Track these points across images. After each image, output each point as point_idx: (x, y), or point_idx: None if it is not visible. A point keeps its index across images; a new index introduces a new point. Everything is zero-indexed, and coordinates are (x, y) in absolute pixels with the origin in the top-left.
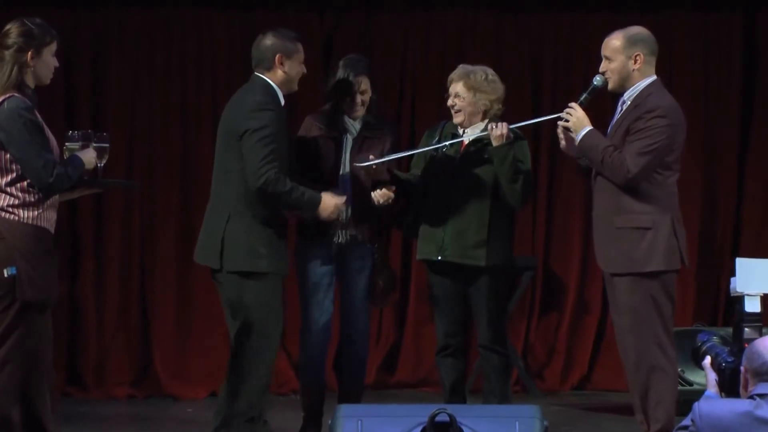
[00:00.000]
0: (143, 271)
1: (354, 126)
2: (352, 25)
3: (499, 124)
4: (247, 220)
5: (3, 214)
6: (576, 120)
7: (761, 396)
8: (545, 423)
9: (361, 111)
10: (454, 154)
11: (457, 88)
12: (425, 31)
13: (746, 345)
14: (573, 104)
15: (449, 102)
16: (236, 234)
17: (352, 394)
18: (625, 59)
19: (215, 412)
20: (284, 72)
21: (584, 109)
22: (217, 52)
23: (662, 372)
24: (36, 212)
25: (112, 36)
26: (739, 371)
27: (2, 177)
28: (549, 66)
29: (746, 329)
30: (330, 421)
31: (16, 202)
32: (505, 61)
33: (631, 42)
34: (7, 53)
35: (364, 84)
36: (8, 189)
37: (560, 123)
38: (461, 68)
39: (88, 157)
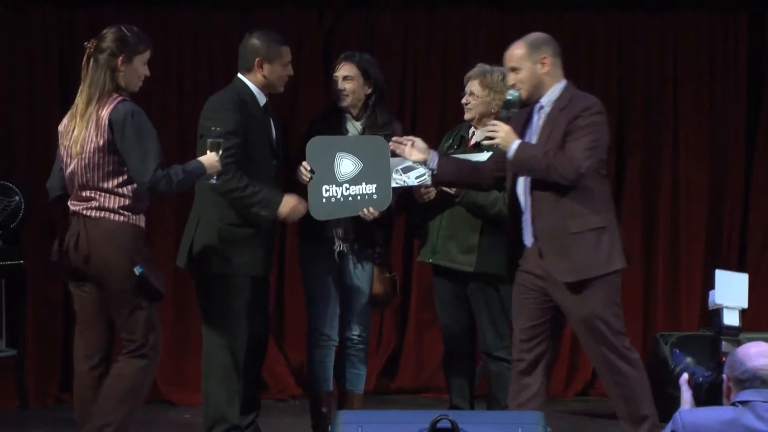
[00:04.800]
0: None
1: (356, 126)
2: (353, 24)
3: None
4: (213, 221)
5: (114, 216)
6: (504, 134)
7: (743, 403)
8: (548, 430)
9: (346, 101)
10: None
11: (472, 86)
12: (427, 30)
13: (724, 358)
14: (496, 121)
15: (464, 100)
16: (202, 236)
17: (351, 400)
18: (532, 65)
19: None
20: (263, 76)
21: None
22: (215, 51)
23: (638, 368)
24: (140, 215)
25: None
26: (717, 384)
27: (113, 179)
28: None
29: (724, 343)
30: (330, 427)
31: (127, 203)
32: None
33: (534, 46)
34: (101, 57)
35: (345, 70)
36: (119, 190)
37: (486, 143)
38: (479, 66)
39: (210, 161)
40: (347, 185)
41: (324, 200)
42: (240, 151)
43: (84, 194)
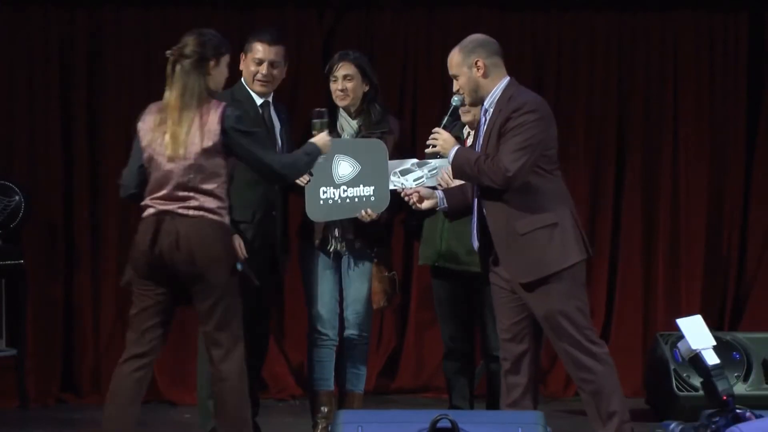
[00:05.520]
0: None
1: (351, 125)
2: (353, 24)
3: (448, 172)
4: None
5: (212, 216)
6: (443, 142)
7: None
8: (548, 430)
9: (346, 100)
10: None
11: None
12: (427, 30)
13: (725, 397)
14: (437, 129)
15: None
16: None
17: (352, 399)
18: (468, 70)
19: None
20: (241, 71)
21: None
22: None
23: (605, 364)
24: (228, 215)
25: (109, 35)
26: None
27: (214, 181)
28: (553, 65)
29: (718, 383)
30: (330, 427)
31: (222, 204)
32: (508, 61)
33: (467, 51)
34: (188, 63)
35: (345, 69)
36: (216, 192)
37: (428, 151)
38: None
39: (323, 141)
40: (345, 187)
41: (321, 202)
42: None
43: (180, 194)
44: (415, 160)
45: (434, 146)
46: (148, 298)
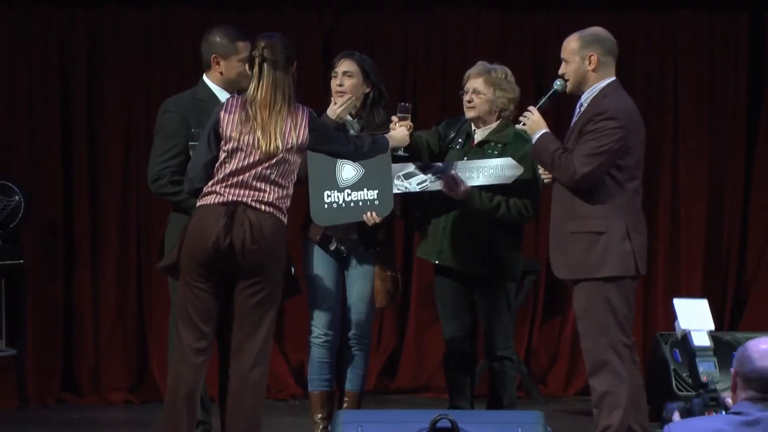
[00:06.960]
0: (140, 275)
1: (353, 126)
2: (353, 24)
3: (453, 175)
4: (182, 217)
5: (279, 214)
6: (531, 123)
7: (738, 414)
8: (548, 429)
9: (347, 103)
10: (462, 155)
11: (476, 84)
12: (427, 31)
13: (705, 379)
14: (531, 108)
15: (466, 98)
16: (172, 232)
17: (352, 399)
18: (581, 60)
19: None
20: (220, 73)
21: (543, 113)
22: None
23: (617, 377)
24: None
25: (109, 35)
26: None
27: (289, 177)
28: (552, 65)
29: (700, 364)
30: (330, 427)
31: (288, 204)
32: (508, 61)
33: (586, 42)
34: (271, 63)
35: (345, 66)
36: (288, 189)
37: (518, 126)
38: (481, 65)
39: (399, 135)
40: (349, 191)
41: (326, 206)
42: (178, 155)
43: (256, 184)
44: (418, 163)
45: (524, 123)
46: (199, 291)
